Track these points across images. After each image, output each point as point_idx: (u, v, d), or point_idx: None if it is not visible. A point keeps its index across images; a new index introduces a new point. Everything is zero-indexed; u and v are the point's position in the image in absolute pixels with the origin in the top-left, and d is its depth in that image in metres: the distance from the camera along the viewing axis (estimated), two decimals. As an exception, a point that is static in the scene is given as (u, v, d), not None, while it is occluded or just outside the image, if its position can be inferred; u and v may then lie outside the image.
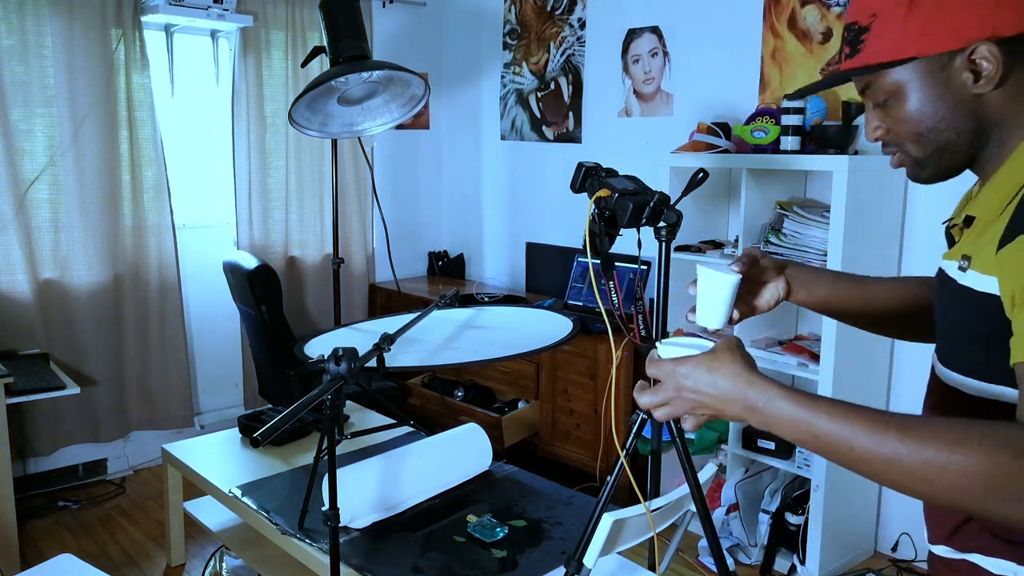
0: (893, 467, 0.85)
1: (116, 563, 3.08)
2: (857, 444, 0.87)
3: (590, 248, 1.79)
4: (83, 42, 3.48)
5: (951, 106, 0.96)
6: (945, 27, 0.92)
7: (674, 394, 1.02)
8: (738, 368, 0.99)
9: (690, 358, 1.02)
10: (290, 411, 1.65)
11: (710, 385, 0.99)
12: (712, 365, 1.00)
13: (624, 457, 1.78)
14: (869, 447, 0.86)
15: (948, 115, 0.97)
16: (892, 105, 1.00)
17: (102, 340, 3.68)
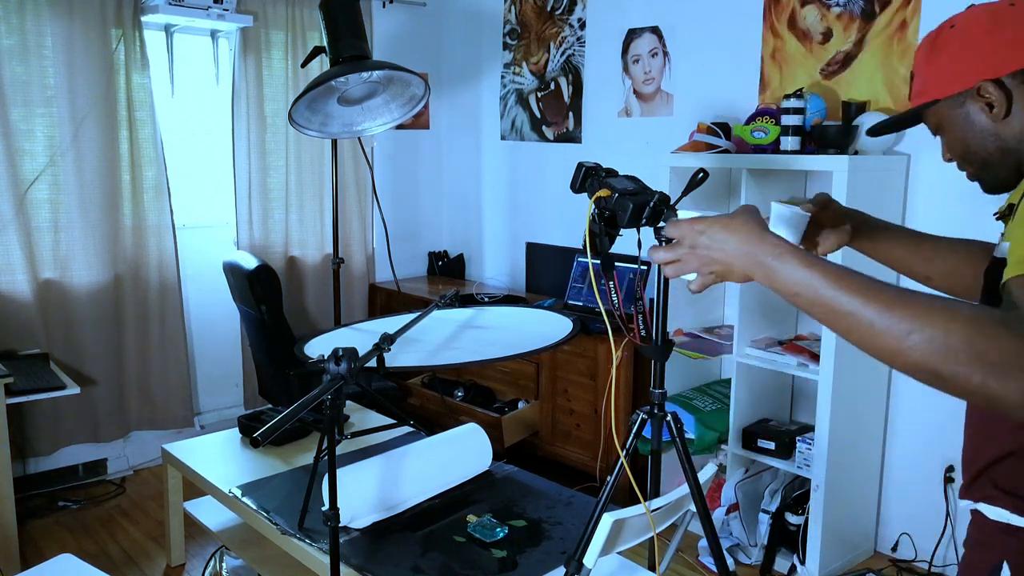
0: (873, 328, 0.93)
1: (116, 563, 3.09)
2: (844, 303, 0.96)
3: (590, 248, 1.79)
4: (83, 42, 3.48)
5: (977, 132, 1.16)
6: (953, 73, 1.14)
7: (688, 250, 1.13)
8: (752, 226, 1.08)
9: (707, 217, 1.11)
10: (290, 411, 1.65)
11: (723, 240, 1.08)
12: (727, 223, 1.09)
13: (624, 457, 1.78)
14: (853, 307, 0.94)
15: (977, 139, 1.17)
16: (943, 135, 1.23)
17: (102, 340, 3.68)
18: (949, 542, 2.93)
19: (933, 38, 1.19)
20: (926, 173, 2.90)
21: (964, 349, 0.85)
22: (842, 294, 0.97)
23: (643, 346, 1.81)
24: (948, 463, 2.93)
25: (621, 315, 1.81)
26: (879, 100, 2.98)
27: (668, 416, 1.82)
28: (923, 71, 1.20)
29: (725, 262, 1.09)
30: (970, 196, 2.80)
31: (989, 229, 2.83)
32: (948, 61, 1.15)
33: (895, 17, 2.92)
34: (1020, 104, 1.11)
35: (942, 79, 1.17)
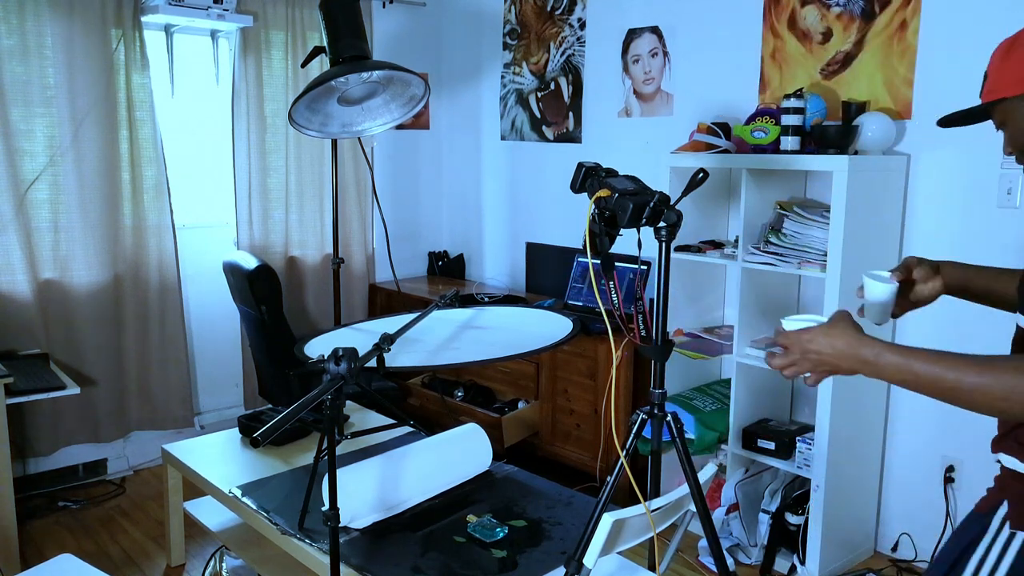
0: (975, 392, 1.17)
1: (116, 563, 3.09)
2: (947, 378, 1.19)
3: (590, 248, 1.79)
4: (83, 42, 3.48)
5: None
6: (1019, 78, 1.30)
7: (800, 356, 1.32)
8: (851, 332, 1.29)
9: (811, 328, 1.32)
10: (290, 411, 1.65)
11: (829, 347, 1.29)
12: (829, 331, 1.30)
13: (624, 457, 1.78)
14: (955, 379, 1.18)
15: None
16: (1006, 130, 1.38)
17: (102, 340, 3.68)
18: (949, 542, 2.93)
19: (1011, 42, 1.34)
20: (926, 173, 2.90)
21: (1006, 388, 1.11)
22: (941, 372, 1.19)
23: (643, 346, 1.81)
24: (948, 463, 2.93)
25: (621, 315, 1.81)
26: (879, 100, 2.98)
27: (668, 416, 1.82)
28: (997, 71, 1.35)
29: (833, 364, 1.30)
30: (969, 195, 2.80)
31: (987, 227, 2.84)
32: (1016, 66, 1.31)
33: (895, 17, 2.92)
34: None
35: (1014, 79, 1.32)
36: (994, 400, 1.15)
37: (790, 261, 2.88)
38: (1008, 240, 2.73)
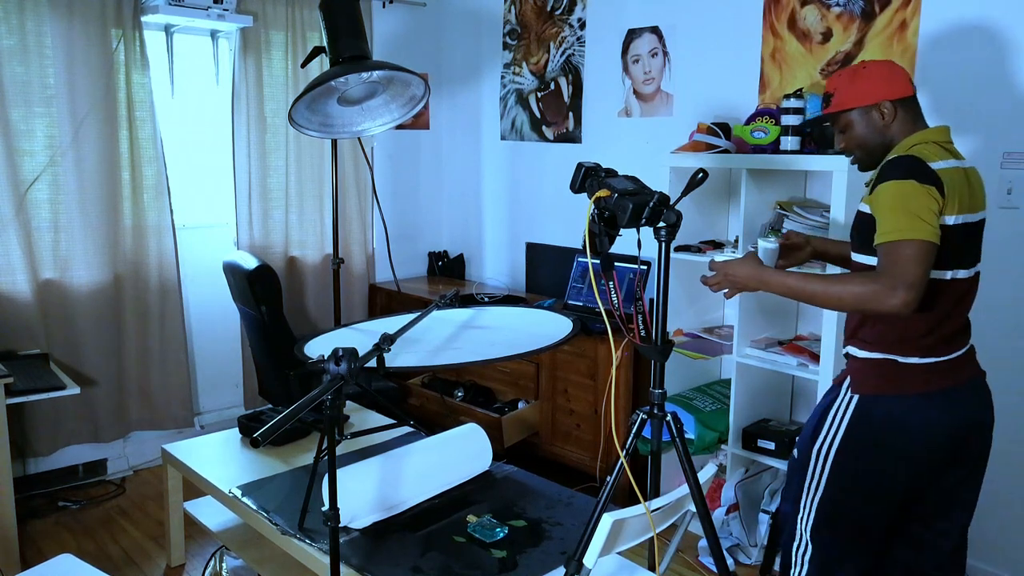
0: (827, 298, 1.86)
1: (116, 563, 3.09)
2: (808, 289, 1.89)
3: (590, 248, 1.79)
4: (83, 42, 3.48)
5: (874, 131, 2.00)
6: (866, 93, 1.97)
7: (722, 277, 2.04)
8: (754, 263, 2.02)
9: (731, 260, 2.05)
10: (290, 411, 1.65)
11: (741, 271, 2.01)
12: (742, 262, 2.02)
13: (624, 457, 1.78)
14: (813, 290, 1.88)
15: (872, 136, 2.00)
16: (847, 132, 2.03)
17: (102, 340, 3.68)
18: (949, 542, 2.93)
19: (854, 71, 2.01)
20: (926, 173, 2.90)
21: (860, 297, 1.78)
22: (804, 284, 1.90)
23: (643, 346, 1.81)
24: (948, 463, 2.92)
25: (621, 315, 1.81)
26: (879, 100, 2.97)
27: (668, 416, 1.83)
28: (845, 90, 1.99)
29: (743, 283, 2.02)
30: (970, 196, 2.80)
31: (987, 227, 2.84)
32: (863, 86, 1.97)
33: (895, 17, 2.92)
34: (897, 116, 1.96)
35: (858, 96, 1.98)
36: (836, 301, 1.86)
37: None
38: (1008, 240, 2.73)
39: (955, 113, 2.81)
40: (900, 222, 1.76)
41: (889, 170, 1.84)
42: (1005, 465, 2.86)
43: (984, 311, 2.81)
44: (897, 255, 1.75)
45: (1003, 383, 2.81)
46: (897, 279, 1.73)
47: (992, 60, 2.71)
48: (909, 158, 1.84)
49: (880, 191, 1.82)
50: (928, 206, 1.78)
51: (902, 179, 1.80)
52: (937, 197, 1.80)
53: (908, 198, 1.78)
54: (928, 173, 1.81)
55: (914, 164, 1.82)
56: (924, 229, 1.75)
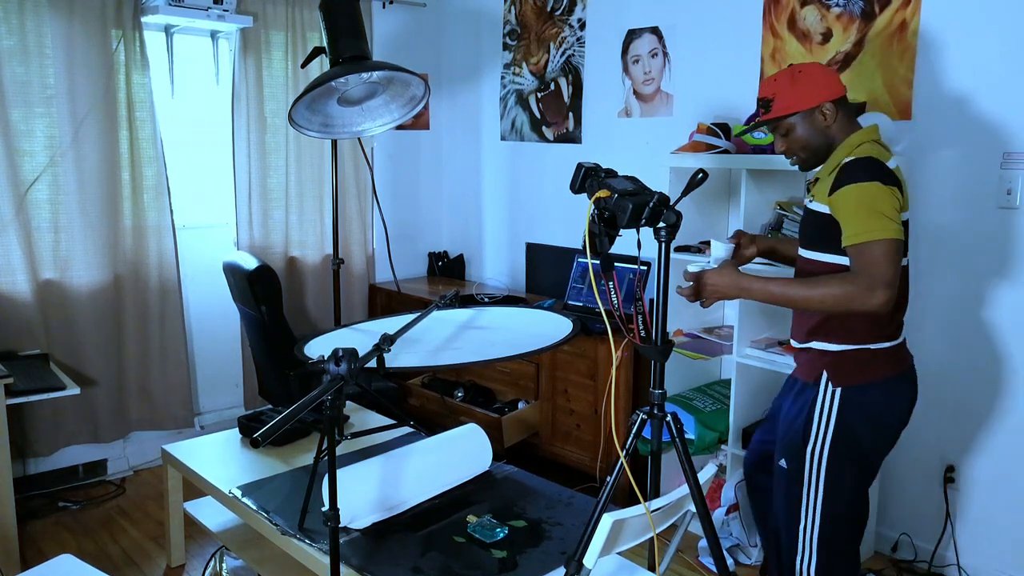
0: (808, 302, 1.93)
1: (116, 563, 3.09)
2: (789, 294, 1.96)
3: (590, 248, 1.79)
4: (83, 42, 3.48)
5: (817, 132, 2.06)
6: (808, 96, 2.02)
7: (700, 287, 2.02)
8: (733, 271, 2.03)
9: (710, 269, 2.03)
10: (290, 412, 1.65)
11: (721, 281, 2.01)
12: (720, 271, 2.02)
13: (624, 457, 1.78)
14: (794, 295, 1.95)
15: (815, 137, 2.06)
16: (790, 135, 2.08)
17: (102, 340, 3.68)
18: (949, 542, 2.94)
19: (792, 75, 2.04)
20: (926, 173, 2.90)
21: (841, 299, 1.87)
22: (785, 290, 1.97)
23: (643, 346, 1.81)
24: (948, 463, 2.93)
25: (621, 315, 1.82)
26: (879, 100, 2.98)
27: (668, 416, 1.83)
28: (786, 94, 2.03)
29: (723, 292, 2.03)
30: (969, 195, 2.81)
31: (987, 227, 2.84)
32: (804, 89, 2.01)
33: (895, 17, 2.92)
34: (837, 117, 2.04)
35: (801, 99, 2.02)
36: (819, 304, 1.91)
37: (790, 261, 2.89)
38: (1008, 240, 2.73)
39: (955, 113, 2.81)
40: (869, 223, 1.86)
41: (851, 173, 1.91)
42: (1007, 464, 2.86)
43: (984, 311, 2.82)
44: (871, 255, 1.85)
45: (1003, 381, 2.81)
46: (876, 279, 1.83)
47: (992, 60, 2.71)
48: (869, 160, 1.92)
49: (844, 194, 1.90)
50: (893, 205, 1.88)
51: (867, 181, 1.88)
52: (898, 196, 1.91)
53: (875, 199, 1.87)
54: (889, 174, 1.92)
55: (876, 166, 1.91)
56: (892, 228, 1.85)
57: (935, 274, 2.91)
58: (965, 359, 2.86)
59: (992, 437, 2.84)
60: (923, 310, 2.93)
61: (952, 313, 2.89)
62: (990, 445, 2.84)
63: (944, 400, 2.91)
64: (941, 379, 2.89)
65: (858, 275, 1.86)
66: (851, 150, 1.99)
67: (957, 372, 2.88)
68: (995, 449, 2.84)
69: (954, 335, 2.88)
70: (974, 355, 2.85)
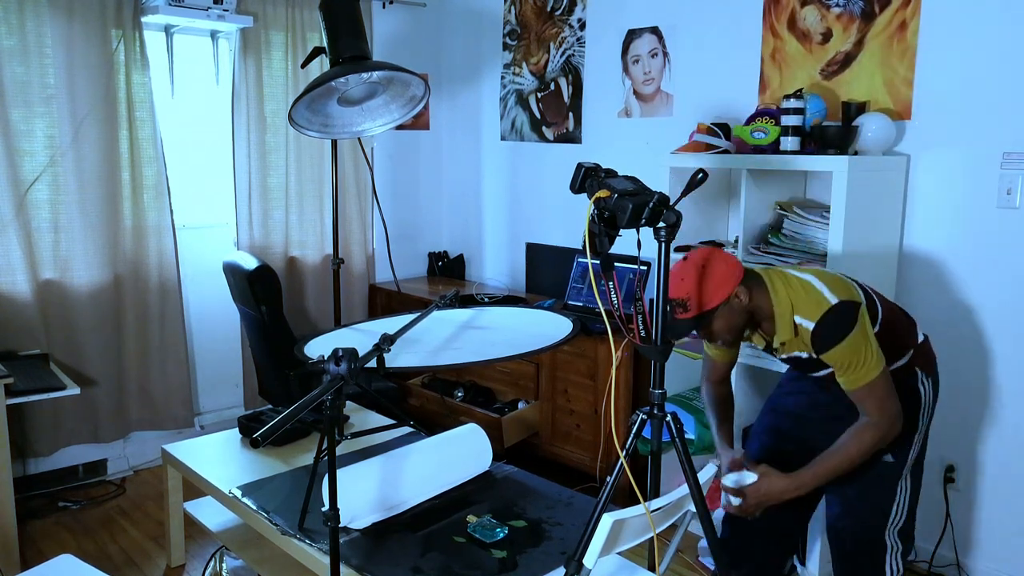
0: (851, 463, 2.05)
1: (116, 563, 3.09)
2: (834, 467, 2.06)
3: (590, 248, 1.79)
4: (83, 42, 3.48)
5: (738, 314, 2.08)
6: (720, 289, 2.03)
7: (755, 502, 2.09)
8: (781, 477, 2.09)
9: (759, 481, 2.10)
10: (290, 412, 1.65)
11: (774, 490, 2.09)
12: (771, 482, 2.09)
13: (624, 457, 1.78)
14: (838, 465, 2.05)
15: (738, 318, 2.09)
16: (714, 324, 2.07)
17: (102, 340, 3.68)
18: (949, 542, 2.94)
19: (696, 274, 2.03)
20: (926, 173, 2.90)
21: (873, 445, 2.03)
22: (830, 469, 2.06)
23: (643, 346, 1.81)
24: (948, 463, 2.93)
25: (621, 315, 1.81)
26: (879, 100, 2.98)
27: (668, 416, 1.82)
28: (699, 293, 2.03)
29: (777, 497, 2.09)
30: (969, 195, 2.81)
31: (987, 227, 2.84)
32: (714, 283, 2.02)
33: (895, 17, 2.92)
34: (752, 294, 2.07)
35: (715, 295, 2.02)
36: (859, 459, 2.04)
37: (790, 261, 2.88)
38: (1008, 240, 2.73)
39: (955, 113, 2.81)
40: (860, 371, 2.01)
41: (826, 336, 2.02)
42: (1006, 466, 2.86)
43: (983, 311, 2.82)
44: (874, 392, 2.01)
45: (1003, 381, 2.81)
46: (886, 414, 2.02)
47: (992, 60, 2.71)
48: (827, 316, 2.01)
49: (832, 356, 2.03)
50: (869, 330, 2.03)
51: (846, 334, 1.99)
52: (865, 308, 2.05)
53: (858, 348, 1.99)
54: (851, 309, 2.02)
55: (841, 316, 2.01)
56: (878, 357, 2.01)
57: (935, 274, 2.91)
58: (964, 359, 2.86)
59: (992, 437, 2.84)
60: (922, 310, 2.93)
61: (951, 313, 2.89)
62: (990, 445, 2.84)
63: (944, 400, 2.90)
64: (940, 379, 2.88)
65: (874, 418, 2.02)
66: (790, 307, 2.06)
67: (956, 372, 2.87)
68: (995, 449, 2.84)
69: (953, 335, 2.87)
70: (973, 355, 2.85)
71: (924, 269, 2.93)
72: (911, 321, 2.28)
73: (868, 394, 2.00)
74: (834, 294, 2.04)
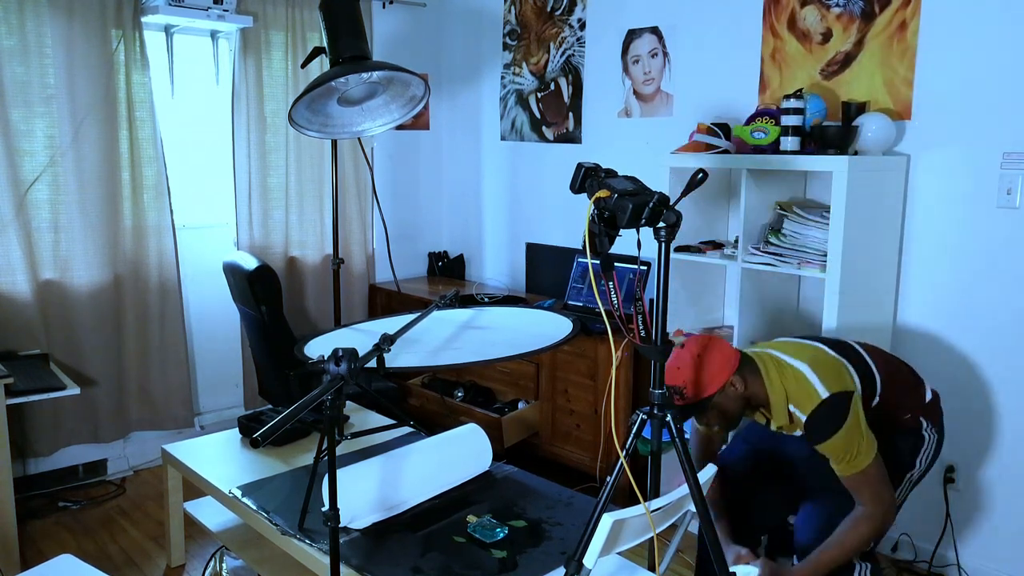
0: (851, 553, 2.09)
1: (116, 563, 3.09)
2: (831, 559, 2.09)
3: (590, 248, 1.79)
4: (83, 42, 3.48)
5: (733, 401, 2.13)
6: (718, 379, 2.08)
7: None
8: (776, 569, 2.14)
9: None
10: (290, 412, 1.65)
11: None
12: None
13: (624, 457, 1.78)
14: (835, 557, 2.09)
15: (735, 405, 2.14)
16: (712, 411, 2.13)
17: (102, 340, 3.68)
18: (949, 542, 2.94)
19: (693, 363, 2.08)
20: (926, 173, 2.90)
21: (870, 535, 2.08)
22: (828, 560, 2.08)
23: (643, 346, 1.81)
24: (948, 463, 2.93)
25: (621, 315, 1.81)
26: (879, 100, 2.98)
27: (668, 416, 1.82)
28: (695, 381, 2.08)
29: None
30: (969, 195, 2.81)
31: (987, 227, 2.84)
32: (710, 373, 2.08)
33: (895, 17, 2.92)
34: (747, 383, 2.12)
35: (710, 383, 2.08)
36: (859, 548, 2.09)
37: (790, 261, 2.89)
38: (1008, 240, 2.73)
39: (955, 113, 2.81)
40: (858, 457, 2.04)
41: (820, 429, 2.05)
42: (1006, 467, 2.86)
43: (983, 311, 2.82)
44: (868, 482, 2.06)
45: (1003, 381, 2.81)
46: (880, 502, 2.07)
47: (991, 60, 2.71)
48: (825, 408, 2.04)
49: (827, 448, 2.06)
50: (862, 419, 2.06)
51: (838, 428, 2.03)
52: (858, 396, 2.08)
53: (851, 436, 2.03)
54: (843, 401, 2.05)
55: (833, 409, 2.04)
56: (870, 444, 2.05)
57: (935, 274, 2.91)
58: (964, 359, 2.86)
59: (992, 437, 2.84)
60: (921, 311, 2.94)
61: (951, 313, 2.89)
62: (990, 445, 2.84)
63: (944, 400, 2.91)
64: (940, 379, 2.89)
65: (868, 509, 2.06)
66: (784, 395, 2.11)
67: (956, 372, 2.88)
68: (995, 449, 2.84)
69: (953, 335, 2.87)
70: (973, 355, 2.85)
71: (923, 268, 2.93)
72: (916, 382, 2.31)
73: (862, 482, 2.05)
74: (826, 386, 2.07)
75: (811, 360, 2.13)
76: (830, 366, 2.12)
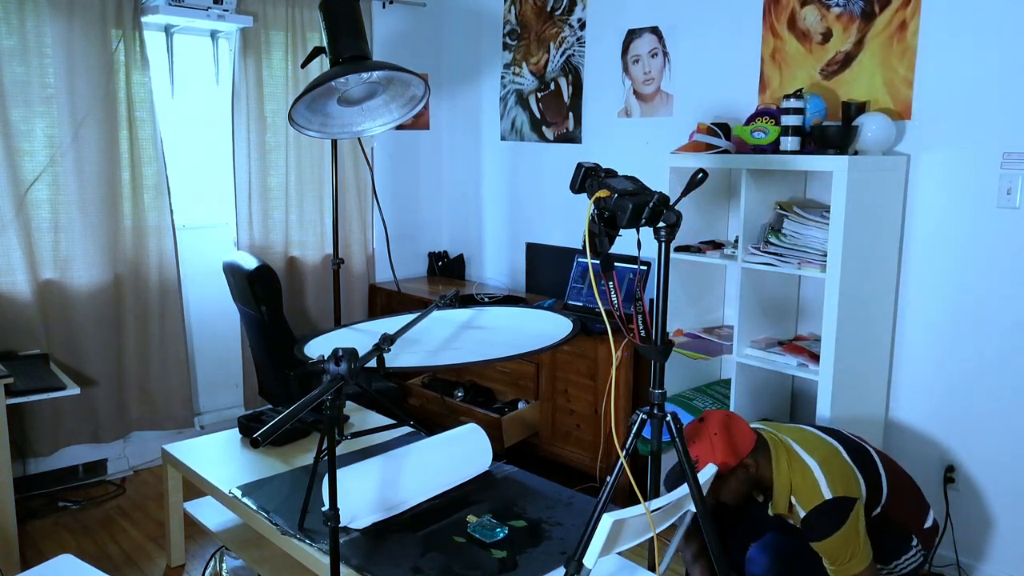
0: None
1: (116, 564, 3.09)
2: None
3: (590, 248, 1.79)
4: (83, 42, 3.48)
5: (744, 482, 2.17)
6: (730, 455, 2.12)
7: None
8: None
9: None
10: (290, 411, 1.65)
11: None
12: None
13: (624, 457, 1.78)
14: None
15: (745, 484, 2.18)
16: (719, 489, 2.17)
17: (102, 340, 3.68)
18: (949, 542, 2.94)
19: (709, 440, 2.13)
20: (926, 173, 2.90)
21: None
22: None
23: (643, 346, 1.81)
24: (948, 463, 2.93)
25: (621, 315, 1.82)
26: (879, 100, 2.98)
27: (668, 416, 1.82)
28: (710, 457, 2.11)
29: None
30: (969, 195, 2.81)
31: (987, 227, 2.84)
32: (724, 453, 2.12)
33: (895, 17, 2.92)
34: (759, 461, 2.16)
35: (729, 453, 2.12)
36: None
37: (790, 261, 2.89)
38: (1008, 240, 2.73)
39: (955, 113, 2.81)
40: (852, 562, 2.06)
41: (818, 528, 2.07)
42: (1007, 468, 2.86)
43: (983, 311, 2.82)
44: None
45: (1003, 380, 2.81)
46: None
47: (991, 60, 2.71)
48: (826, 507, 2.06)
49: (823, 546, 2.08)
50: (861, 526, 2.08)
51: (835, 530, 2.05)
52: (861, 503, 2.10)
53: (848, 541, 2.05)
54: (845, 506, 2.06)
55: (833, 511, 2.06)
56: (866, 552, 2.07)
57: (934, 274, 2.91)
58: (964, 359, 2.86)
59: (992, 437, 2.84)
60: (921, 308, 2.94)
61: (951, 313, 2.89)
62: (990, 445, 2.84)
63: (944, 400, 2.91)
64: (940, 379, 2.89)
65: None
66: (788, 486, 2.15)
67: (956, 372, 2.88)
68: (995, 449, 2.84)
69: (953, 335, 2.87)
70: (973, 355, 2.85)
71: (924, 268, 2.93)
72: (921, 504, 2.32)
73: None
74: (831, 488, 2.08)
75: (823, 459, 2.15)
76: (840, 470, 2.14)
